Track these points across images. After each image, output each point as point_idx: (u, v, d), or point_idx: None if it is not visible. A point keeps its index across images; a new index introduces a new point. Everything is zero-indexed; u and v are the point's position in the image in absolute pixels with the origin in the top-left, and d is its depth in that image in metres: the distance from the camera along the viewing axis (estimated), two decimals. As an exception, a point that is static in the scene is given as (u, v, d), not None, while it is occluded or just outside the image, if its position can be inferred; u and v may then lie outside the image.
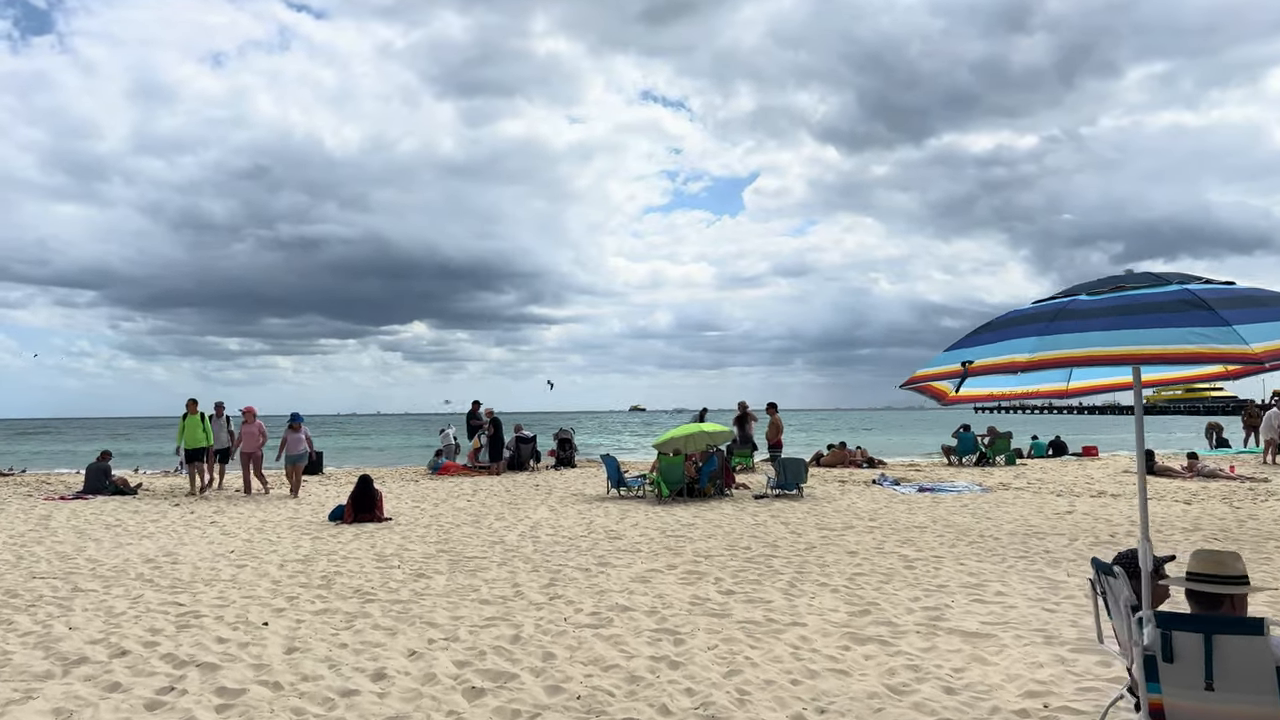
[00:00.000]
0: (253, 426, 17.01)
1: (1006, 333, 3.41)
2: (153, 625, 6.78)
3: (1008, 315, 3.57)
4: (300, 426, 16.99)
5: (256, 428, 17.03)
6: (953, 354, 3.57)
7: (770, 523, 12.70)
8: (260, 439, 17.04)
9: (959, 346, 3.59)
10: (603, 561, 9.59)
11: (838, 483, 18.45)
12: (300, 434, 16.92)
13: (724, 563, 9.46)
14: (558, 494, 16.80)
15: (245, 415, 17.09)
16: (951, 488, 17.07)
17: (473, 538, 11.49)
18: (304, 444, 17.02)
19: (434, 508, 14.88)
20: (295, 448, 16.92)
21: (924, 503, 14.96)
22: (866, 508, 14.34)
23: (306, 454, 17.34)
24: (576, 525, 12.59)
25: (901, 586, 8.10)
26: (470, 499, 16.10)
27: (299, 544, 11.12)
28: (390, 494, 16.93)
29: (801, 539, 11.16)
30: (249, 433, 16.96)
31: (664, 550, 10.35)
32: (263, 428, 17.11)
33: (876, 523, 12.59)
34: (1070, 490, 16.62)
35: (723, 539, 11.21)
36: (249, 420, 17.04)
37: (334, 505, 14.35)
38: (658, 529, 12.16)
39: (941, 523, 12.57)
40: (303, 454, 17.08)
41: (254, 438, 16.97)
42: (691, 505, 14.76)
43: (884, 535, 11.39)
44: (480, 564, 9.53)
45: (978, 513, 13.63)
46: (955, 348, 3.60)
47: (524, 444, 22.14)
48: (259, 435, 17.00)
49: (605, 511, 14.13)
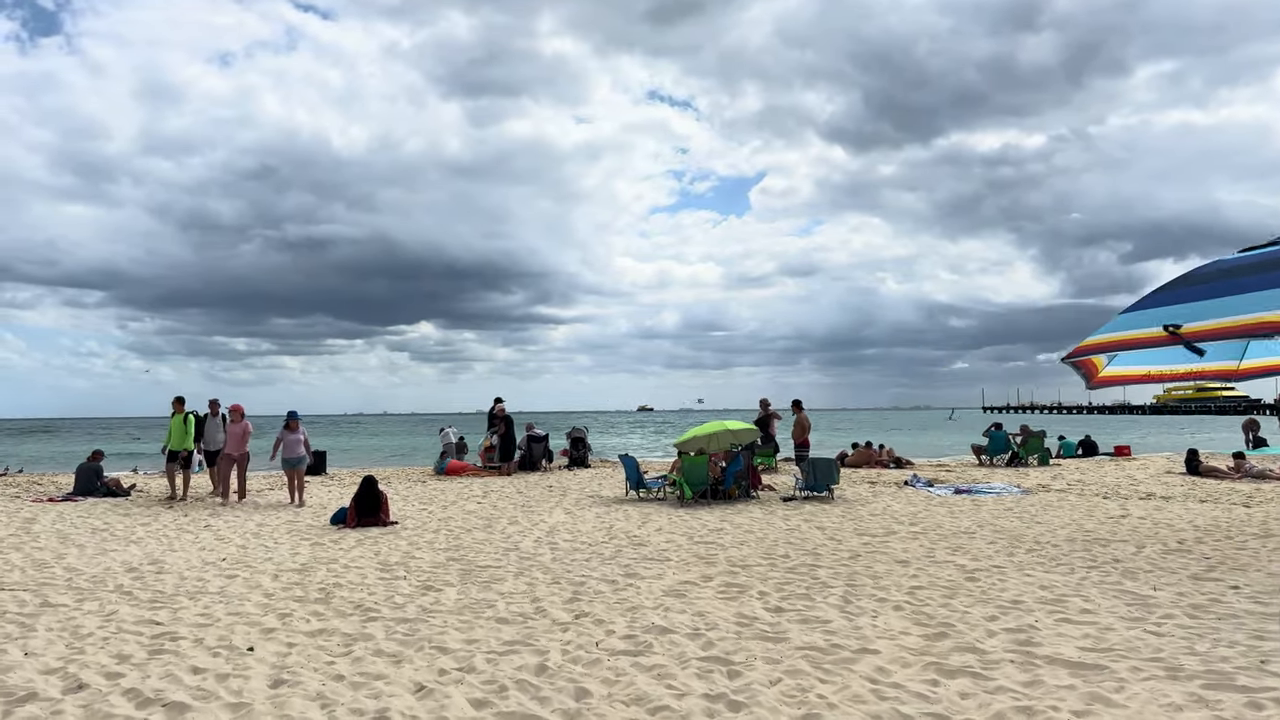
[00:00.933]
0: (238, 426, 15.42)
1: (1225, 285, 2.49)
2: (121, 650, 5.89)
3: (1216, 265, 2.65)
4: (297, 425, 15.22)
5: (242, 428, 15.42)
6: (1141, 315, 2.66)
7: (804, 528, 11.78)
8: (245, 440, 15.44)
9: (1149, 305, 2.68)
10: (629, 572, 8.68)
11: (866, 484, 17.51)
12: (298, 434, 15.14)
13: (764, 574, 8.55)
14: (573, 496, 15.90)
15: (231, 414, 15.55)
16: (988, 489, 16.12)
17: (485, 544, 10.60)
18: (302, 446, 15.20)
19: (442, 510, 13.99)
20: (292, 450, 15.11)
21: (963, 505, 14.03)
22: (904, 511, 13.41)
23: (305, 457, 15.40)
24: (596, 530, 11.68)
25: (971, 602, 7.18)
26: (481, 501, 15.21)
27: (297, 551, 10.24)
28: (396, 496, 16.05)
29: (843, 546, 10.24)
30: (233, 433, 15.40)
31: (695, 559, 9.44)
32: (248, 428, 15.47)
33: (919, 528, 11.67)
34: (1115, 492, 15.66)
35: (756, 546, 10.29)
36: (235, 420, 15.46)
37: (336, 508, 13.48)
38: (684, 534, 11.26)
39: (989, 527, 11.65)
40: (301, 457, 15.20)
41: (238, 439, 15.40)
42: (716, 508, 13.84)
43: (931, 542, 10.47)
44: (495, 574, 8.63)
45: (1024, 516, 12.70)
46: (1143, 307, 2.69)
47: (536, 443, 21.23)
48: (244, 436, 15.42)
49: (625, 515, 13.23)
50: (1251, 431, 26.43)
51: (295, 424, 15.18)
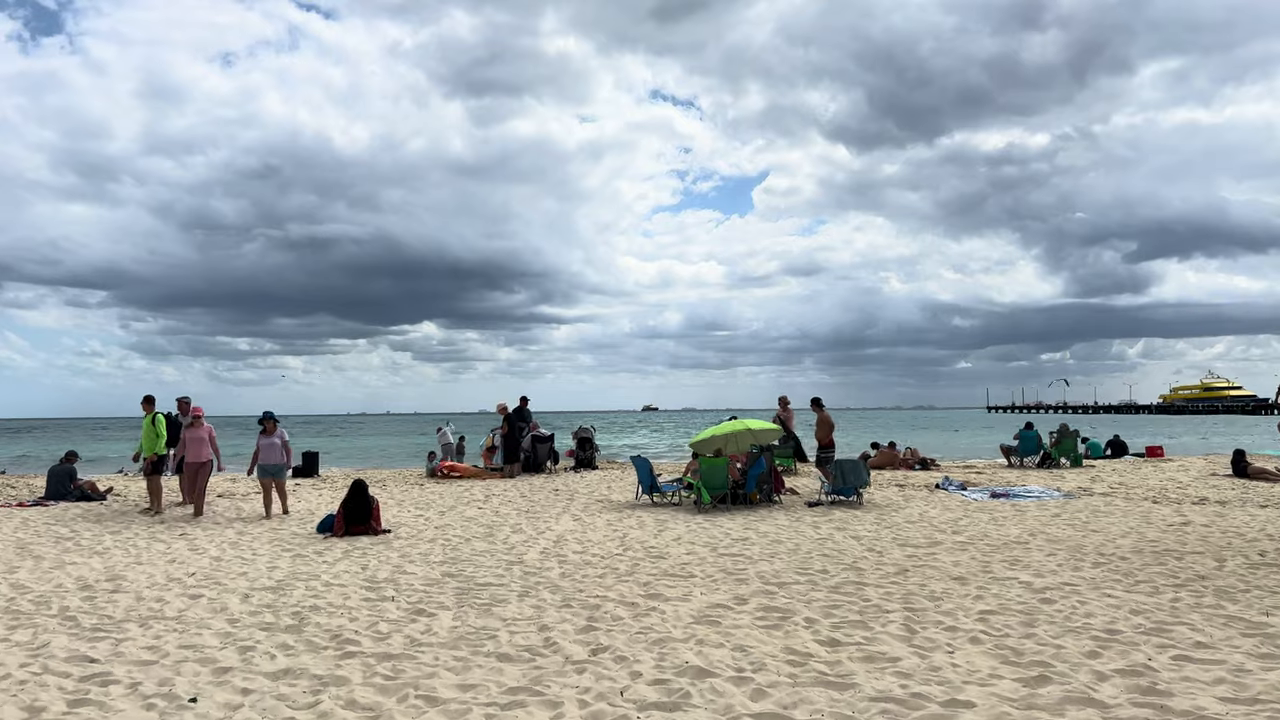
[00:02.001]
0: (195, 432, 13.12)
1: None
2: (34, 700, 4.80)
3: None
4: (275, 427, 12.98)
5: (205, 432, 13.13)
6: None
7: (838, 537, 10.68)
8: (206, 448, 13.09)
9: None
10: (650, 591, 7.59)
11: (894, 487, 16.40)
12: (275, 438, 12.91)
13: (804, 594, 7.45)
14: (581, 500, 14.80)
15: (192, 416, 13.34)
16: (1026, 493, 15.01)
17: (485, 556, 9.51)
18: (281, 451, 12.97)
19: (440, 517, 12.90)
20: (270, 456, 12.89)
21: (1004, 511, 12.92)
22: (942, 518, 12.30)
23: (284, 465, 13.15)
24: (608, 540, 10.59)
25: (1058, 632, 6.08)
26: (482, 506, 14.12)
27: (275, 564, 9.15)
28: (391, 500, 14.97)
29: (885, 559, 9.15)
30: (195, 438, 13.09)
31: (722, 575, 8.34)
32: (212, 433, 13.21)
33: (963, 537, 10.57)
34: (1164, 496, 14.53)
35: (789, 559, 9.20)
36: (196, 424, 13.19)
37: (325, 514, 12.39)
38: (706, 545, 10.16)
39: (1041, 536, 10.55)
40: (280, 465, 13.01)
41: (198, 446, 13.08)
42: (737, 514, 12.74)
43: (982, 554, 9.37)
44: (496, 594, 7.53)
45: (1076, 523, 11.59)
46: None
47: (540, 444, 20.12)
48: (204, 443, 13.08)
49: (639, 522, 12.13)
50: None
51: (272, 425, 13.01)
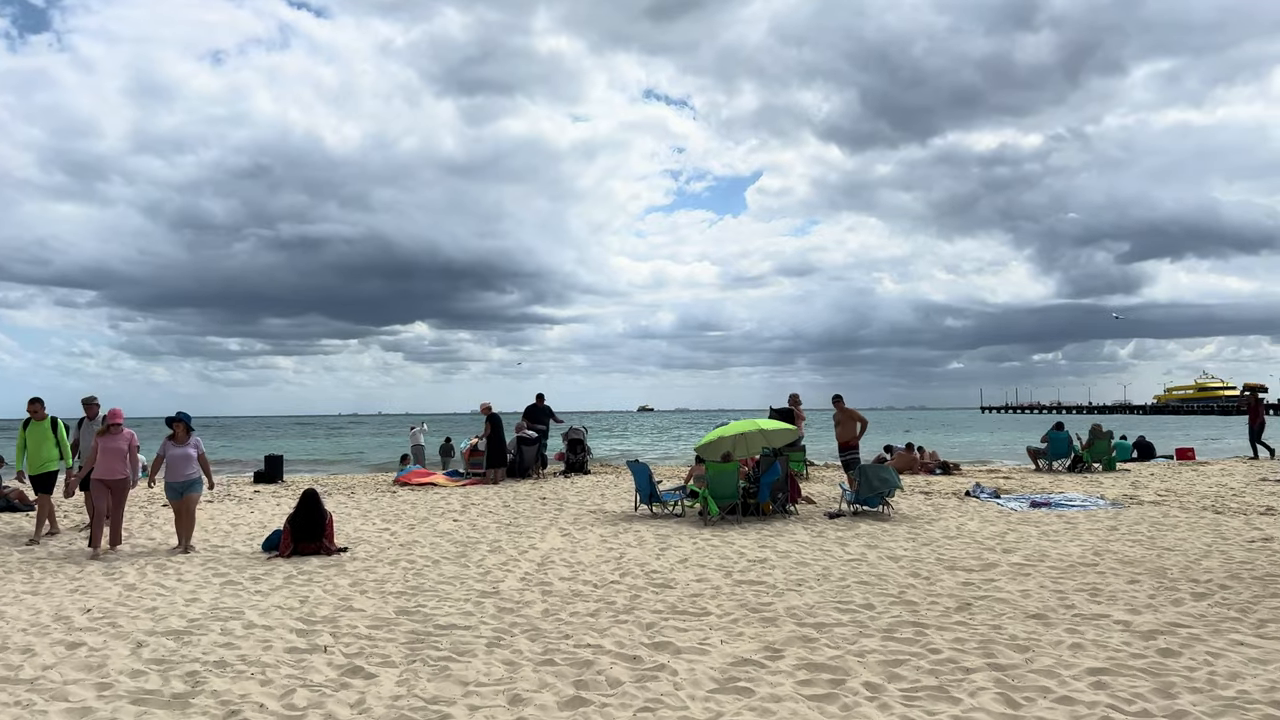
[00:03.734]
0: (113, 440, 9.88)
1: None
2: None
3: None
4: (187, 434, 10.00)
5: (124, 441, 9.95)
6: None
7: (871, 557, 9.09)
8: (124, 461, 9.94)
9: None
10: (656, 637, 5.97)
11: (919, 494, 14.80)
12: (188, 447, 9.95)
13: (852, 640, 5.85)
14: (571, 510, 13.16)
15: (107, 422, 10.11)
16: (1069, 501, 13.44)
17: (454, 584, 7.89)
18: (195, 464, 9.99)
19: (408, 531, 11.25)
20: (180, 470, 9.88)
21: (1051, 523, 11.34)
22: (984, 532, 10.72)
23: (200, 480, 10.10)
24: (602, 561, 8.97)
25: (1207, 705, 4.48)
26: (458, 518, 12.47)
27: (197, 595, 7.51)
28: (356, 511, 13.32)
29: (937, 587, 7.55)
30: (110, 449, 9.83)
31: (744, 611, 6.74)
32: (134, 442, 10.10)
33: (1019, 557, 8.99)
34: (1224, 505, 12.96)
35: (820, 587, 7.60)
36: (112, 430, 9.97)
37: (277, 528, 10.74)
38: (718, 568, 8.55)
39: (1109, 556, 8.97)
40: (193, 480, 9.98)
41: (113, 459, 9.84)
42: (750, 528, 11.13)
43: (1052, 581, 7.79)
44: (460, 642, 5.91)
45: (1141, 539, 10.02)
46: None
47: (527, 446, 18.44)
48: (121, 455, 9.91)
49: (637, 537, 10.51)
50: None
51: (184, 431, 9.99)
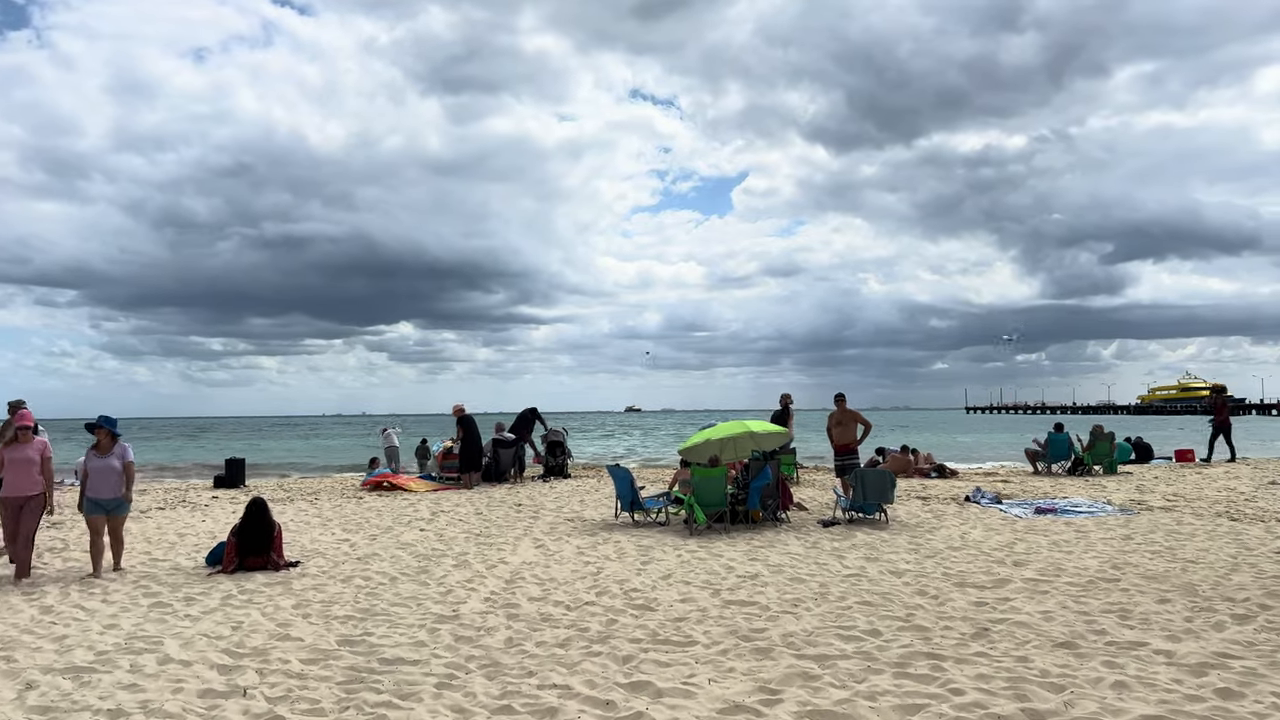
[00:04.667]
0: (28, 449, 8.30)
1: None
2: None
3: None
4: (112, 442, 8.47)
5: (36, 451, 8.33)
6: None
7: (872, 571, 8.31)
8: (36, 473, 8.27)
9: None
10: (634, 675, 5.16)
11: (916, 500, 14.05)
12: (111, 458, 8.42)
13: (861, 678, 5.05)
14: (547, 519, 12.31)
15: (16, 427, 8.49)
16: (1074, 508, 12.71)
17: (409, 605, 7.05)
18: (118, 476, 8.41)
19: (369, 542, 10.39)
20: (103, 485, 8.39)
21: (1060, 531, 10.61)
22: (990, 541, 9.97)
23: (124, 498, 8.52)
24: (577, 578, 8.15)
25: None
26: (425, 528, 11.61)
27: (116, 621, 6.65)
28: (317, 518, 12.44)
29: (948, 608, 6.78)
30: (19, 460, 8.25)
31: (734, 639, 5.93)
32: (47, 452, 8.46)
33: (1032, 571, 8.23)
34: (1238, 512, 12.25)
35: (819, 608, 6.81)
36: (20, 439, 8.38)
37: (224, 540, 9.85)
38: (705, 585, 7.75)
39: (1129, 569, 8.23)
40: (117, 499, 8.45)
41: (22, 471, 8.21)
42: (739, 538, 10.34)
43: (1073, 599, 7.04)
44: (405, 681, 5.08)
45: (1160, 550, 9.29)
46: None
47: (503, 449, 17.57)
48: (31, 466, 8.25)
49: (617, 549, 9.70)
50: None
51: (109, 438, 8.47)
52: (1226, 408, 21.16)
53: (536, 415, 19.02)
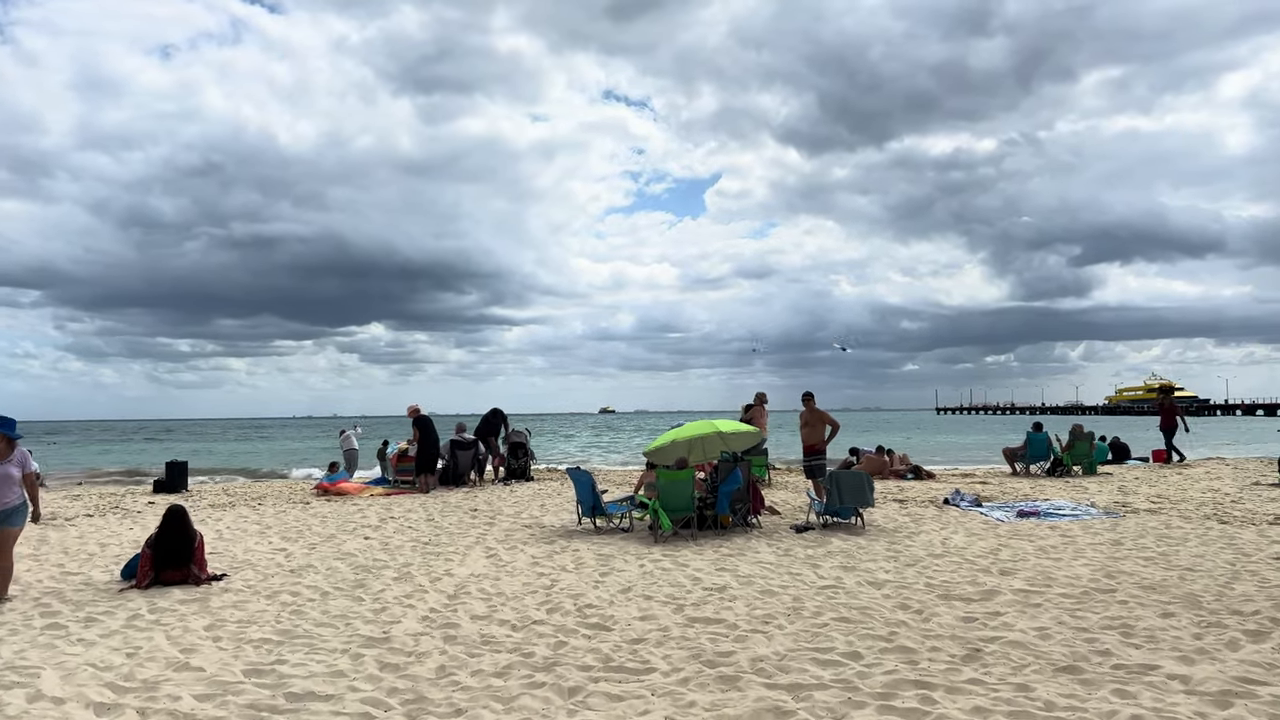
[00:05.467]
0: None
1: None
2: None
3: None
4: (10, 447, 7.31)
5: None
6: None
7: (848, 582, 7.66)
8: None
9: None
10: (581, 713, 4.46)
11: (893, 502, 13.45)
12: (9, 464, 7.28)
13: (840, 712, 4.38)
14: (503, 525, 11.56)
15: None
16: (1057, 510, 12.16)
17: (337, 625, 6.30)
18: (18, 486, 7.33)
19: (307, 552, 9.60)
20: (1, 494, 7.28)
21: (1045, 536, 10.03)
22: (973, 548, 9.36)
23: (22, 508, 7.42)
24: (529, 591, 7.42)
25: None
26: (371, 535, 10.82)
27: (-4, 648, 5.83)
28: (255, 526, 11.60)
29: (934, 624, 6.14)
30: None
31: (696, 663, 5.25)
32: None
33: (1021, 580, 7.63)
34: (1226, 514, 11.76)
35: (792, 626, 6.14)
36: None
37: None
38: (668, 599, 7.06)
39: (1126, 579, 7.65)
40: (13, 509, 7.32)
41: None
42: (706, 545, 9.65)
43: (1069, 613, 6.43)
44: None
45: (1153, 556, 8.73)
46: None
47: (462, 451, 16.76)
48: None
49: (575, 558, 8.98)
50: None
51: (5, 445, 7.32)
52: (1174, 409, 20.57)
53: (502, 418, 18.21)
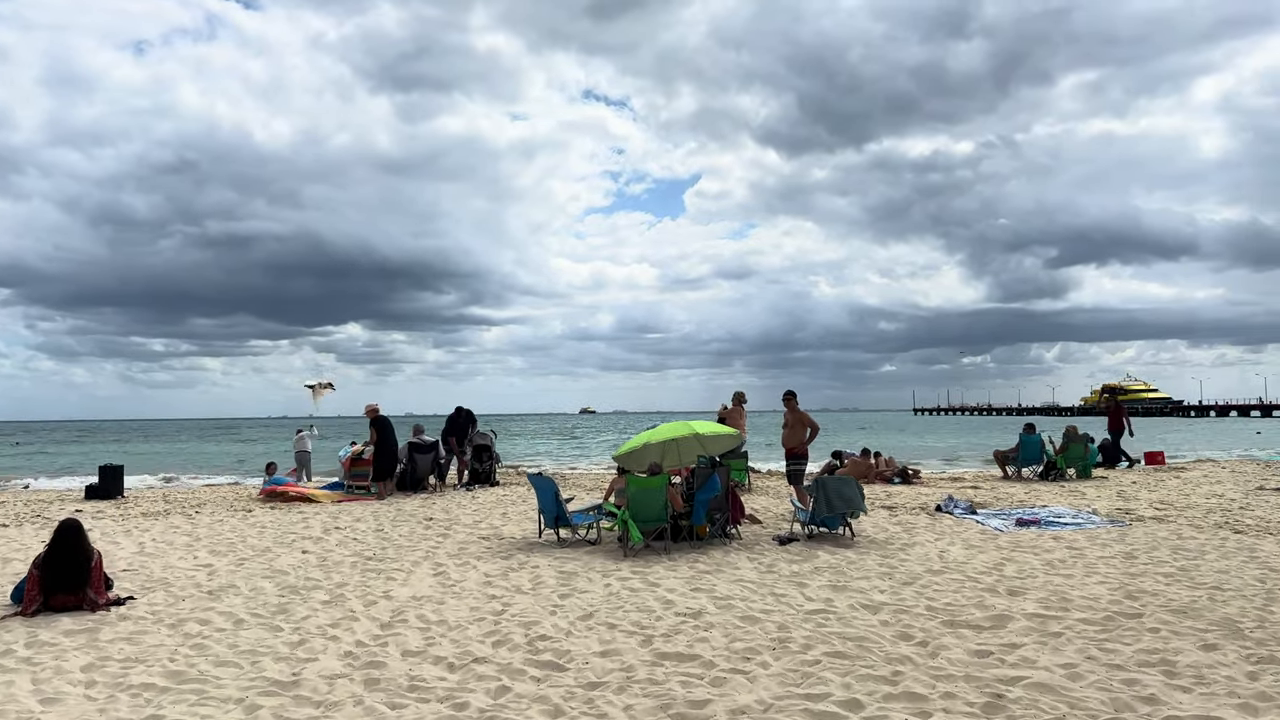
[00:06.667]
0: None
1: None
2: None
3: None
4: None
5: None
6: None
7: (840, 604, 6.76)
8: None
9: None
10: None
11: (881, 509, 12.58)
12: None
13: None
14: (459, 536, 10.57)
15: None
16: (1058, 519, 11.34)
17: (241, 663, 5.31)
18: None
19: (234, 568, 8.57)
20: None
21: (1052, 549, 9.18)
22: (973, 562, 8.49)
23: None
24: (475, 618, 6.46)
25: None
26: (313, 546, 9.81)
27: None
28: (184, 538, 10.54)
29: (941, 660, 5.24)
30: None
31: (664, 715, 4.32)
32: None
33: (1033, 602, 6.76)
34: (1239, 523, 10.98)
35: (776, 663, 5.23)
36: None
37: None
38: (634, 627, 6.13)
39: (1150, 600, 6.80)
40: None
41: None
42: (681, 560, 8.72)
43: (1094, 643, 5.57)
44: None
45: (1173, 572, 7.89)
46: None
47: (421, 454, 15.73)
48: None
49: (533, 576, 8.01)
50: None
51: None
52: (1121, 411, 19.78)
53: (470, 418, 17.07)
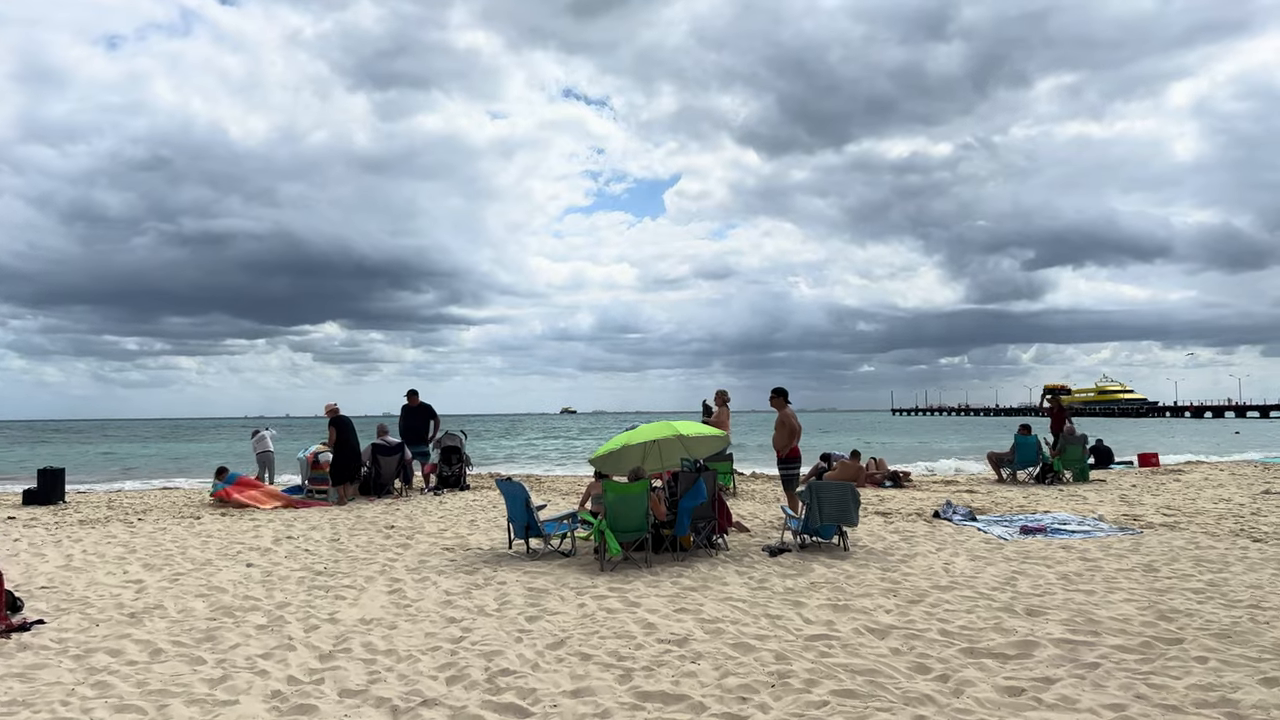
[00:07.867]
0: None
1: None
2: None
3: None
4: None
5: None
6: None
7: (843, 627, 6.00)
8: None
9: None
10: None
11: (875, 515, 11.85)
12: None
13: None
14: (420, 547, 9.71)
15: None
16: (1062, 526, 10.67)
17: (148, 706, 4.48)
18: None
19: (167, 584, 7.70)
20: None
21: (1064, 560, 8.48)
22: (985, 576, 7.77)
23: None
24: (429, 647, 5.64)
25: None
26: (260, 558, 8.94)
27: None
28: (118, 549, 9.64)
29: (968, 700, 4.51)
30: None
31: (646, 786, 3.53)
32: None
33: (1055, 625, 6.04)
34: (1255, 530, 10.35)
35: (776, 703, 4.47)
36: None
37: None
38: (610, 657, 5.34)
39: (1188, 622, 6.11)
40: None
41: None
42: (664, 574, 7.93)
43: (1137, 675, 4.86)
44: None
45: (1201, 587, 7.21)
46: None
47: (385, 456, 14.83)
48: None
49: (499, 594, 7.20)
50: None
51: None
52: (1064, 412, 19.03)
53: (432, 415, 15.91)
